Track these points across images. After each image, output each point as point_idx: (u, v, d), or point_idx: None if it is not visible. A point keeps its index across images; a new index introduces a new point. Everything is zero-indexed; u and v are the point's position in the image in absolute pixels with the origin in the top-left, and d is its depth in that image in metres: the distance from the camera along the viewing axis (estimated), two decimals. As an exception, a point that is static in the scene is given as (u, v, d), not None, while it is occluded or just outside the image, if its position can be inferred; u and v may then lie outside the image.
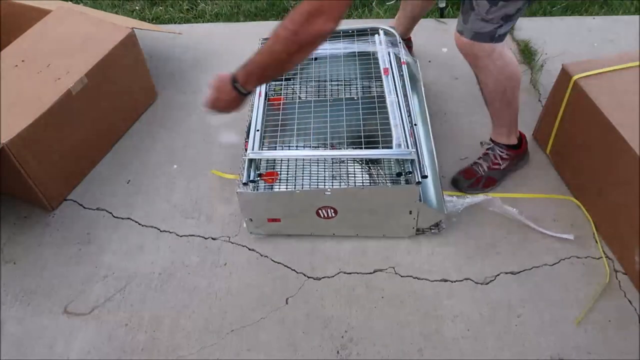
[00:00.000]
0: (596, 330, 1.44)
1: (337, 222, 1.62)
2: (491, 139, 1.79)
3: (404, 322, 1.49)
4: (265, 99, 1.75)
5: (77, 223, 1.78)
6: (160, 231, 1.75)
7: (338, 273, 1.61)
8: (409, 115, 1.67)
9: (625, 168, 1.46)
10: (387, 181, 1.66)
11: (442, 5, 2.54)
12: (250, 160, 1.57)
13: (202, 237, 1.72)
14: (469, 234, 1.67)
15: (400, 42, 1.93)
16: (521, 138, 1.80)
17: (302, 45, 1.14)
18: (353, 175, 1.71)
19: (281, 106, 1.75)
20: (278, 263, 1.64)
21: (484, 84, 1.62)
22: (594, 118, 1.56)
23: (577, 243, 1.63)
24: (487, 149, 1.80)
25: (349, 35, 1.96)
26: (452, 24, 2.51)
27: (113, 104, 1.98)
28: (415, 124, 1.65)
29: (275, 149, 1.69)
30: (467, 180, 1.77)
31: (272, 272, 1.62)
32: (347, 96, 1.85)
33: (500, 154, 1.76)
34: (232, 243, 1.70)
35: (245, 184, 1.52)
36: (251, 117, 1.74)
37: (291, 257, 1.65)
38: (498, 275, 1.58)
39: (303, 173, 1.69)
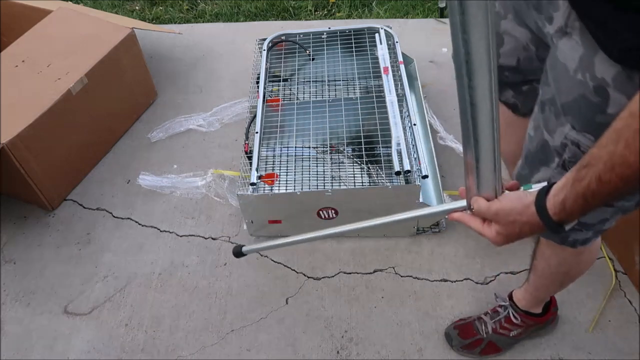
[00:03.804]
0: (596, 330, 1.44)
1: (338, 223, 1.60)
2: (509, 297, 1.39)
3: (403, 322, 1.49)
4: (263, 101, 1.75)
5: (77, 223, 1.79)
6: (160, 231, 1.75)
7: (338, 273, 1.61)
8: (408, 115, 1.67)
9: (625, 168, 1.46)
10: (387, 181, 1.66)
11: (442, 5, 2.54)
12: (251, 162, 1.57)
13: (202, 237, 1.72)
14: (469, 234, 1.67)
15: (397, 42, 1.93)
16: (549, 305, 1.38)
17: None
18: (353, 176, 1.71)
19: (280, 107, 1.75)
20: (278, 263, 1.64)
21: (541, 267, 1.21)
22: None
23: (577, 243, 1.63)
24: (499, 306, 1.41)
25: (346, 35, 1.97)
26: (452, 24, 2.51)
27: (113, 104, 1.98)
28: (414, 124, 1.65)
29: (274, 150, 1.69)
30: (461, 339, 1.40)
31: (272, 272, 1.62)
32: (345, 96, 1.85)
33: (514, 319, 1.36)
34: (232, 243, 1.70)
35: (253, 184, 1.52)
36: (250, 119, 1.74)
37: (291, 257, 1.65)
38: (498, 275, 1.58)
39: (302, 174, 1.69)
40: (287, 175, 1.68)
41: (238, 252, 1.11)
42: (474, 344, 1.38)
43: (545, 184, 0.72)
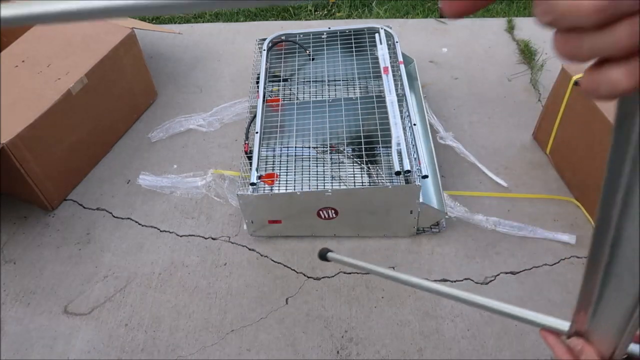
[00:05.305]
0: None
1: (338, 223, 1.62)
2: None
3: (403, 322, 1.49)
4: (263, 101, 1.75)
5: (77, 223, 1.78)
6: (160, 231, 1.75)
7: (338, 273, 1.61)
8: (408, 115, 1.67)
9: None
10: (387, 181, 1.66)
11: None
12: (251, 162, 1.57)
13: (202, 237, 1.72)
14: (469, 234, 1.68)
15: (397, 42, 1.93)
16: None
17: None
18: (353, 176, 1.71)
19: (280, 107, 1.75)
20: (278, 263, 1.64)
21: None
22: (594, 118, 1.56)
23: (577, 243, 1.63)
24: None
25: (346, 35, 1.97)
26: (452, 24, 2.51)
27: (113, 104, 1.98)
28: (414, 124, 1.65)
29: (274, 150, 1.69)
30: None
31: (272, 272, 1.62)
32: (345, 96, 1.85)
33: None
34: (232, 243, 1.70)
35: (253, 184, 1.52)
36: (250, 119, 1.74)
37: (291, 257, 1.65)
38: (498, 275, 1.58)
39: (302, 174, 1.69)
40: (287, 175, 1.68)
41: (323, 255, 1.06)
42: None
43: None
